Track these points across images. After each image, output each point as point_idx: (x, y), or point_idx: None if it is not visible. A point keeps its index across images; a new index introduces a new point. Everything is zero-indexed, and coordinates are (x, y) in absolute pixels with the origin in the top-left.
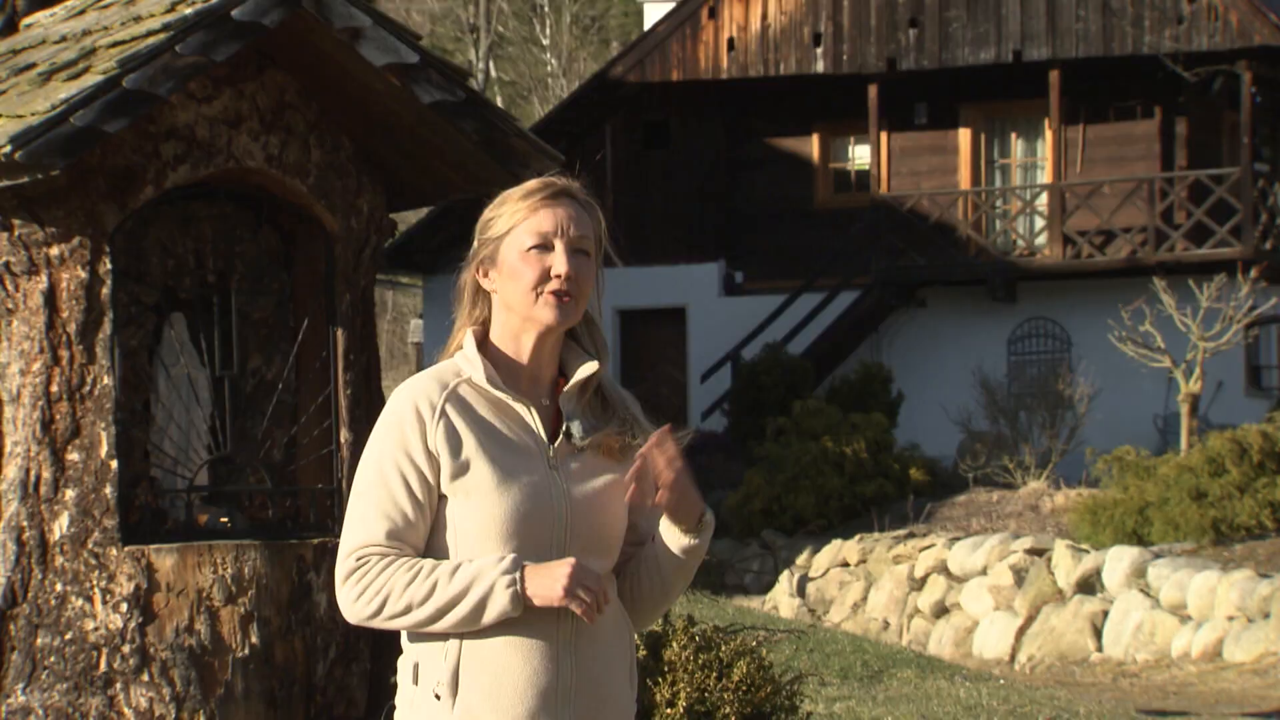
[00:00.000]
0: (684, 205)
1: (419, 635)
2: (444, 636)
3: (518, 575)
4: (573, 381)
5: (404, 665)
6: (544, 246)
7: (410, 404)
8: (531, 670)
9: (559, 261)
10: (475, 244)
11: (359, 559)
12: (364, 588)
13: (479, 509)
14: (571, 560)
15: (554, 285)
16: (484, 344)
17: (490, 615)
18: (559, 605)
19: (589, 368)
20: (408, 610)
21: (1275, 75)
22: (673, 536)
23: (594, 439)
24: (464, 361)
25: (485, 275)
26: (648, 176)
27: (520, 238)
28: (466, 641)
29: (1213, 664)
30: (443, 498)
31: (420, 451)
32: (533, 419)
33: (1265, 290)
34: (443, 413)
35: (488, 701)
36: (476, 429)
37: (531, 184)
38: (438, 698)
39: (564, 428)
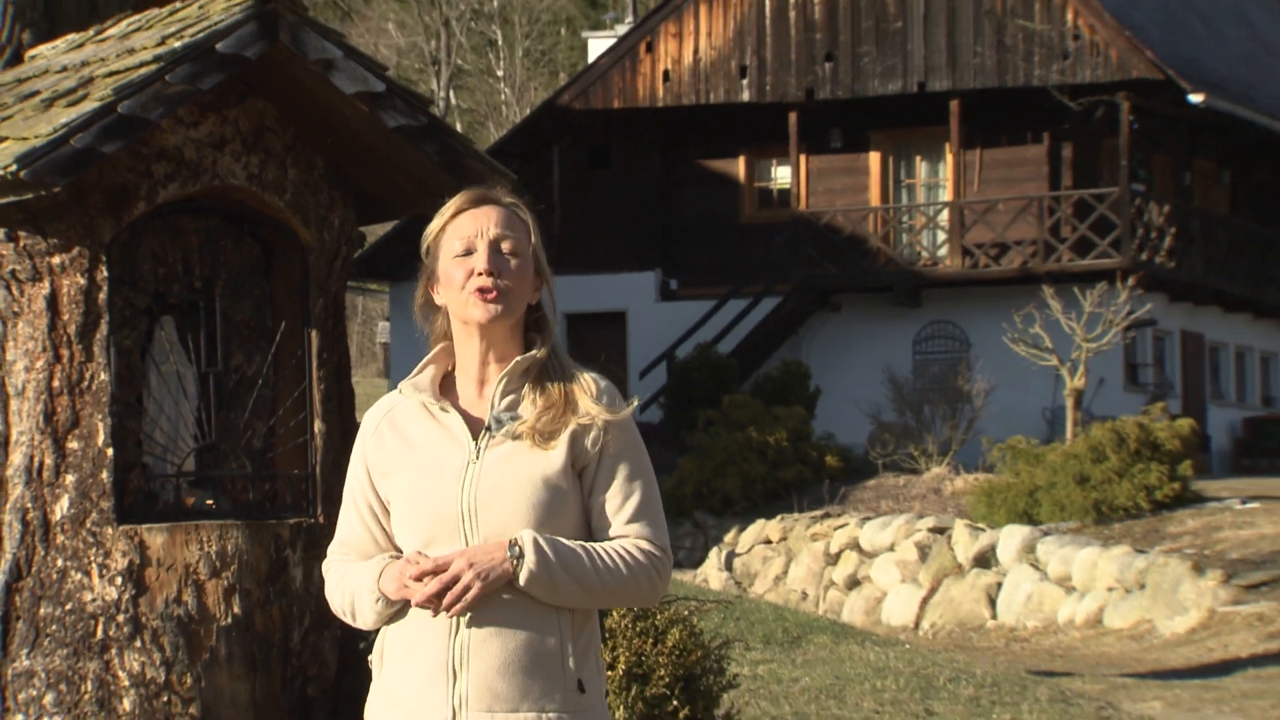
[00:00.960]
0: (624, 220)
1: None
2: (385, 621)
3: (376, 575)
4: (503, 372)
5: None
6: (468, 251)
7: (363, 425)
8: (427, 646)
9: (479, 260)
10: (424, 263)
11: (326, 565)
12: (328, 590)
13: (397, 512)
14: (409, 555)
15: (475, 283)
16: (451, 354)
17: (368, 613)
18: (401, 598)
19: (522, 359)
20: (342, 613)
21: (1150, 105)
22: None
23: (509, 429)
24: (417, 378)
25: (434, 290)
26: (591, 194)
27: (448, 246)
28: (388, 626)
29: (1094, 630)
30: (386, 502)
31: (362, 467)
32: (455, 419)
33: (1141, 297)
34: (377, 430)
35: (397, 674)
36: (401, 441)
37: (456, 197)
38: (372, 668)
39: (488, 422)
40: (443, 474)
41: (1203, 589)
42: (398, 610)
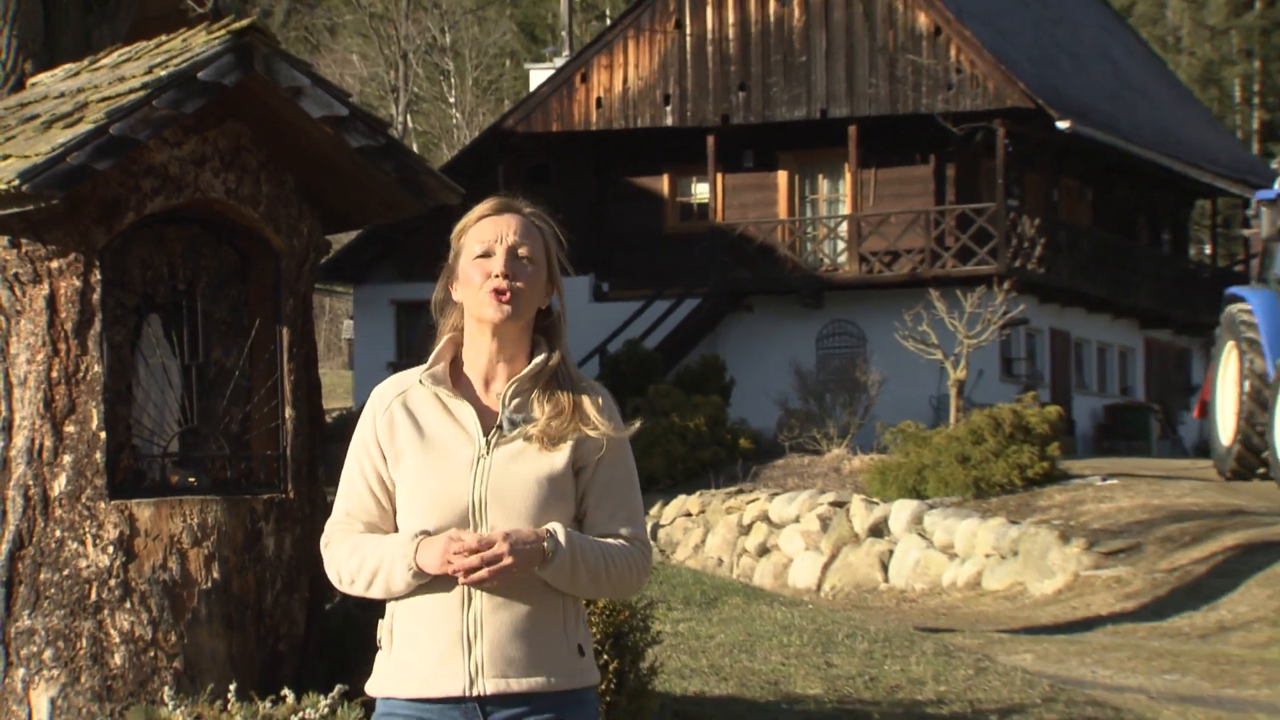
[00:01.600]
0: (564, 229)
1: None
2: (390, 599)
3: (413, 550)
4: (516, 376)
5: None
6: (487, 254)
7: (370, 405)
8: (440, 622)
9: (496, 264)
10: (447, 264)
11: (327, 535)
12: (329, 559)
13: (405, 492)
14: (450, 533)
15: (491, 284)
16: (460, 349)
17: (397, 584)
18: (441, 572)
19: (535, 364)
20: (352, 581)
21: (1023, 131)
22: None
23: (520, 430)
24: (430, 367)
25: (453, 288)
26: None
27: (470, 248)
28: (399, 603)
29: (974, 592)
30: (394, 479)
31: (373, 444)
32: (469, 414)
33: (1015, 299)
34: (389, 411)
35: (411, 648)
36: (413, 425)
37: (482, 204)
38: (380, 648)
39: (497, 420)
40: (455, 465)
41: (1068, 555)
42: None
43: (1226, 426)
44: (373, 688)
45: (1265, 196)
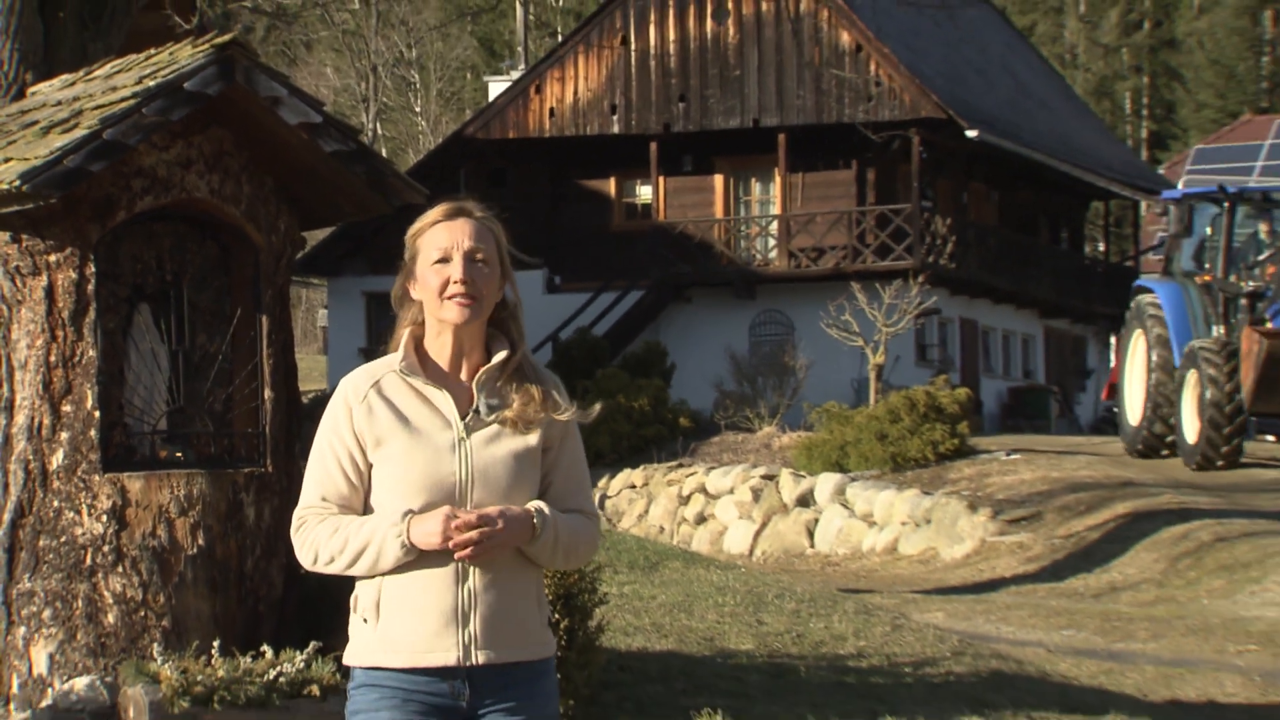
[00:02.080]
0: (517, 228)
1: (367, 576)
2: (374, 575)
3: (404, 527)
4: (485, 368)
5: (351, 599)
6: (444, 260)
7: (344, 394)
8: (434, 597)
9: (455, 270)
10: (405, 261)
11: (300, 518)
12: (302, 541)
13: (391, 474)
14: (444, 510)
15: (452, 290)
16: (421, 341)
17: (387, 560)
18: (440, 547)
19: (499, 355)
20: (332, 560)
21: (936, 139)
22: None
23: (496, 415)
24: (397, 357)
25: (411, 287)
26: (491, 208)
27: (427, 254)
28: (387, 579)
29: (890, 556)
30: (371, 465)
31: (348, 432)
32: (446, 401)
33: (928, 291)
34: (366, 400)
35: (400, 624)
36: (393, 412)
37: (435, 210)
38: (365, 621)
39: (473, 406)
40: (439, 448)
41: (976, 523)
42: (402, 566)
43: (1135, 408)
44: (354, 658)
45: (1172, 196)
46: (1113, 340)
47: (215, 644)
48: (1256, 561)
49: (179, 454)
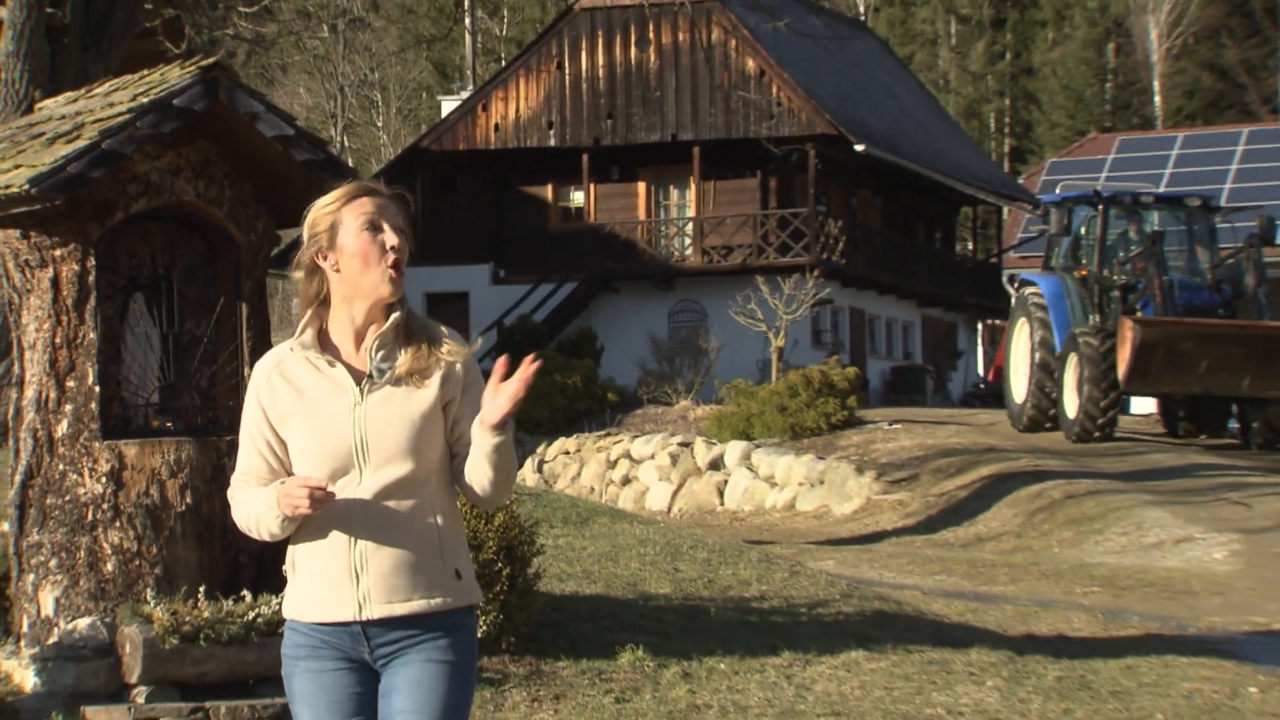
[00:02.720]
0: (467, 228)
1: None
2: (277, 539)
3: (275, 499)
4: (377, 333)
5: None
6: (375, 227)
7: (254, 377)
8: (329, 558)
9: (390, 237)
10: (305, 240)
11: (231, 492)
12: (234, 510)
13: (295, 445)
14: (297, 479)
15: (390, 259)
16: (325, 316)
17: (273, 527)
18: (299, 513)
19: (394, 319)
20: (249, 529)
21: (829, 152)
22: (483, 437)
23: (388, 376)
24: (299, 338)
25: (324, 258)
26: (444, 211)
27: (352, 223)
28: (297, 544)
29: (789, 513)
30: (282, 439)
31: (259, 412)
32: (338, 371)
33: (822, 284)
34: (269, 379)
35: (309, 578)
36: (292, 388)
37: (348, 186)
38: (287, 575)
39: (368, 371)
40: (335, 416)
41: (862, 484)
42: (301, 527)
43: (1020, 388)
44: (285, 608)
45: (1052, 199)
46: (979, 326)
47: (201, 589)
48: (1099, 516)
49: (169, 424)
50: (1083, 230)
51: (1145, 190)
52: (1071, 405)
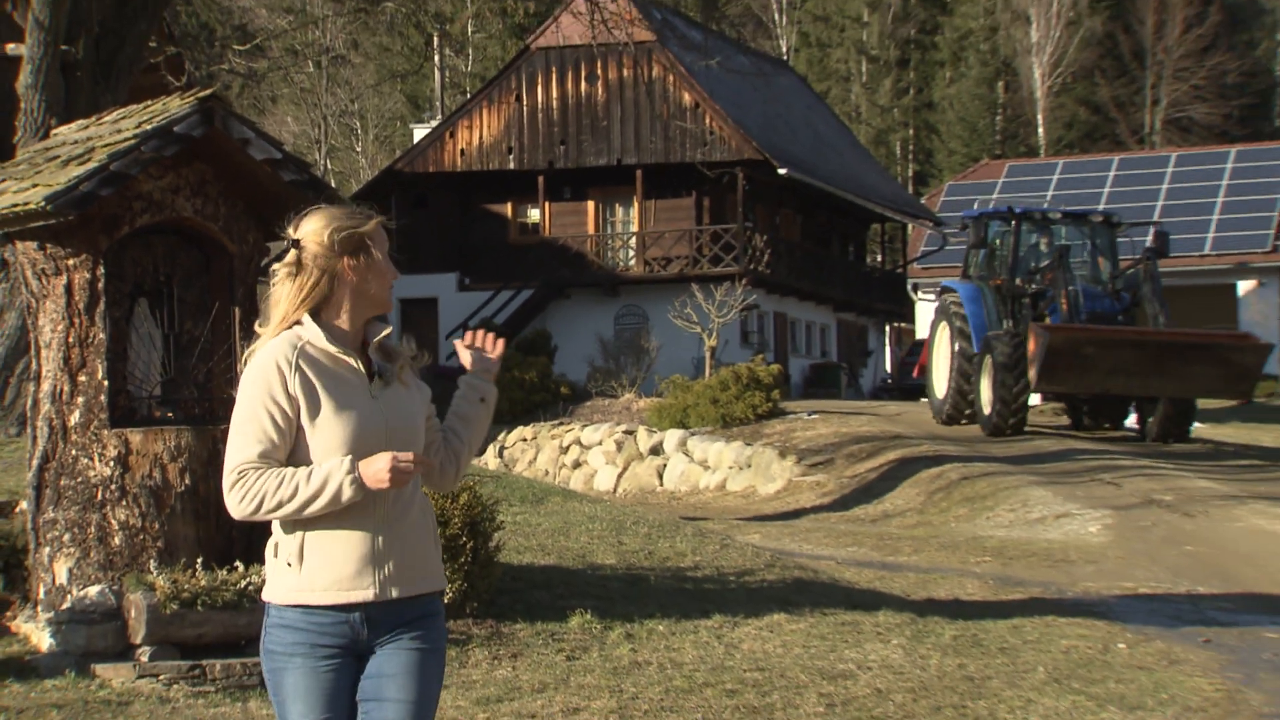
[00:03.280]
0: (436, 241)
1: (280, 524)
2: (294, 524)
3: (356, 471)
4: (379, 340)
5: (268, 546)
6: (387, 255)
7: (273, 362)
8: (354, 540)
9: (393, 269)
10: (340, 242)
11: (239, 473)
12: (243, 493)
13: (328, 431)
14: (388, 454)
15: (391, 279)
16: (316, 318)
17: (344, 500)
18: (388, 485)
19: (386, 329)
20: (279, 506)
21: (756, 175)
22: (476, 388)
23: (390, 376)
24: (304, 331)
25: (350, 271)
26: (415, 226)
27: (381, 244)
28: (308, 531)
29: (721, 493)
30: (301, 427)
31: (282, 395)
32: (359, 366)
33: (749, 291)
34: (298, 367)
35: (323, 566)
36: (322, 377)
37: (372, 217)
38: (289, 565)
39: (376, 370)
40: (361, 405)
41: (784, 467)
42: (322, 517)
43: (941, 385)
44: (276, 597)
45: (971, 214)
46: (887, 328)
47: (199, 561)
48: (991, 494)
49: (170, 414)
50: (997, 243)
51: (1054, 207)
52: (986, 402)
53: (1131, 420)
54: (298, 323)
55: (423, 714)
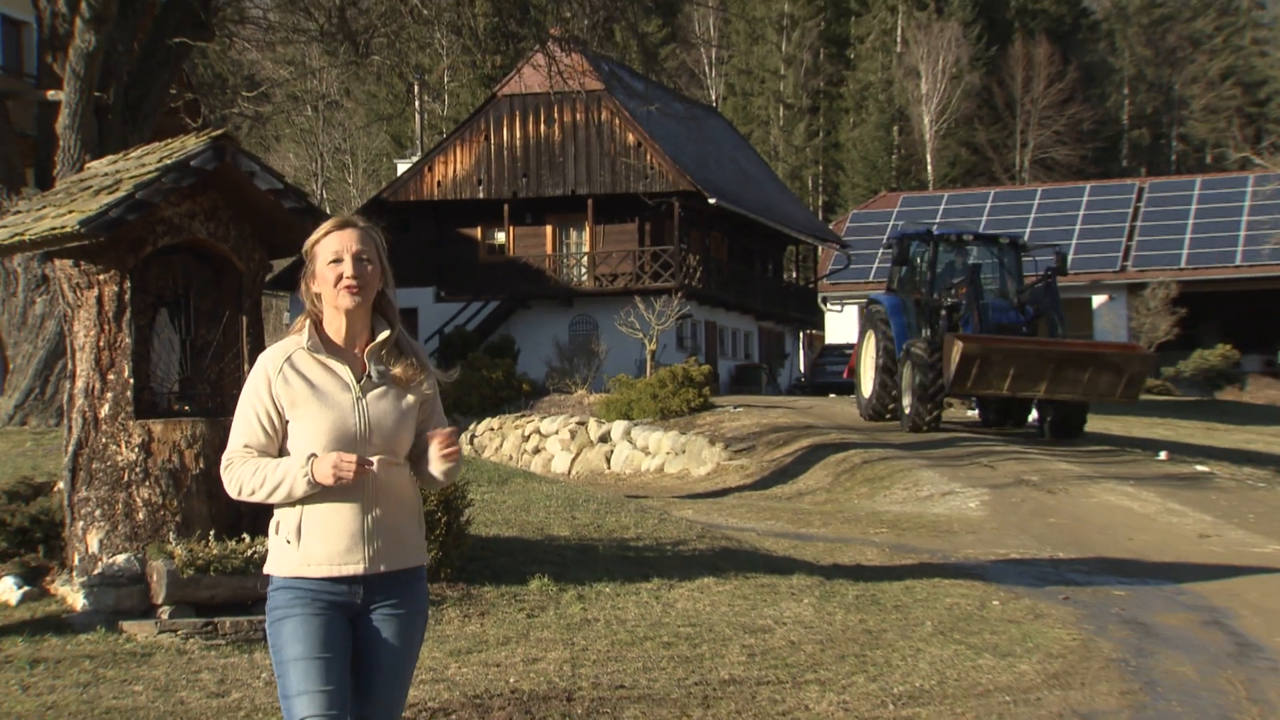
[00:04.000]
0: (416, 260)
1: (281, 504)
2: (294, 503)
3: (309, 468)
4: (373, 344)
5: (271, 523)
6: (338, 260)
7: (263, 366)
8: (345, 520)
9: (346, 268)
10: (305, 256)
11: (228, 460)
12: (230, 477)
13: (304, 430)
14: (334, 454)
15: (344, 284)
16: (319, 325)
17: (298, 492)
18: (332, 483)
19: (384, 334)
20: (253, 492)
21: (690, 204)
22: (439, 472)
23: (385, 378)
24: (301, 339)
25: (311, 283)
26: (398, 247)
27: (323, 255)
28: (306, 508)
29: (660, 475)
30: (287, 422)
31: (267, 396)
32: (344, 370)
33: (684, 302)
34: (281, 371)
35: (318, 543)
36: (303, 380)
37: (328, 222)
38: (288, 543)
39: (366, 372)
40: (342, 406)
41: (714, 452)
42: (313, 497)
43: (867, 385)
44: (277, 569)
45: (895, 235)
46: (800, 335)
47: (211, 533)
48: (888, 476)
49: (186, 407)
50: (918, 261)
51: (968, 230)
52: (907, 403)
53: (1033, 418)
54: (303, 328)
55: (406, 673)
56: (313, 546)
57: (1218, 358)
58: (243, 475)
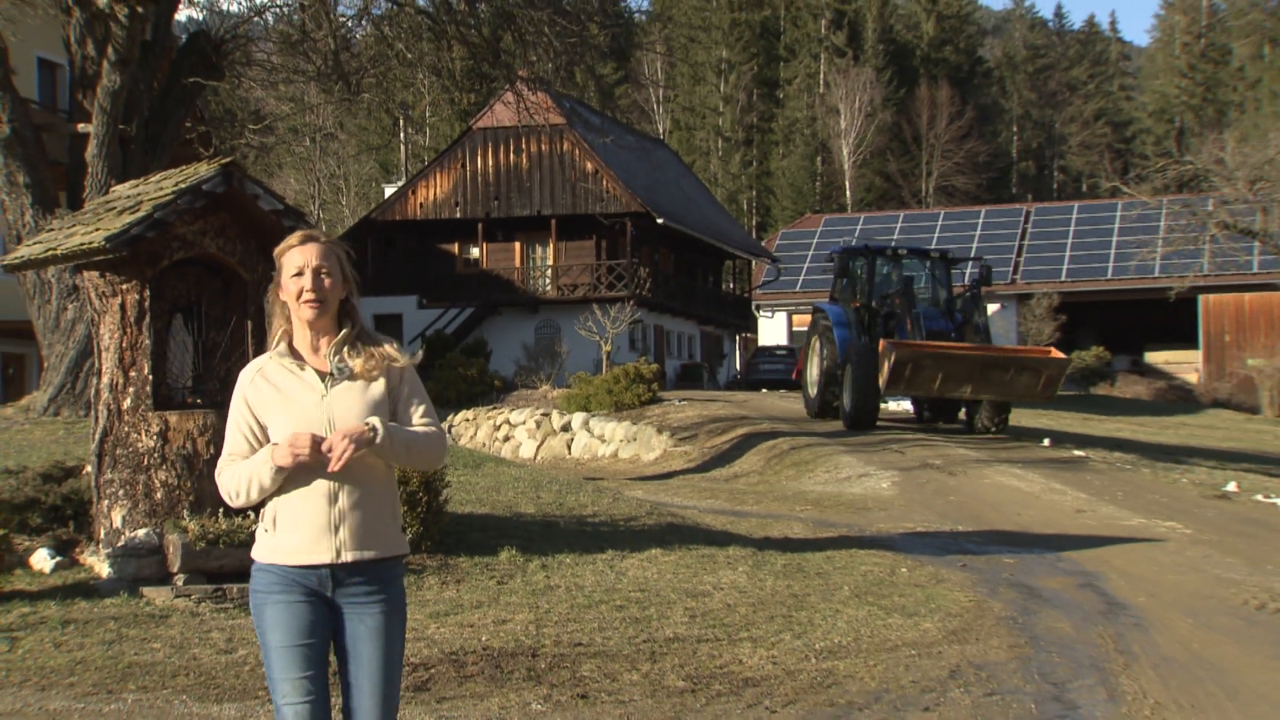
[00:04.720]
0: (401, 272)
1: (263, 498)
2: (271, 496)
3: (270, 454)
4: (331, 342)
5: (261, 512)
6: (299, 274)
7: (241, 380)
8: (313, 509)
9: (306, 281)
10: (274, 275)
11: (219, 470)
12: (223, 486)
13: (276, 429)
14: (290, 435)
15: (305, 296)
16: (290, 336)
17: (266, 479)
18: (290, 463)
19: (343, 334)
20: (239, 493)
21: (641, 223)
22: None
23: (345, 375)
24: (273, 351)
25: (279, 292)
26: (386, 262)
27: (287, 270)
28: (279, 500)
29: (614, 460)
30: (265, 428)
31: (244, 407)
32: (308, 372)
33: (636, 309)
34: (254, 381)
35: (288, 532)
36: (271, 386)
37: (293, 236)
38: (266, 531)
39: (329, 371)
40: (307, 407)
41: (661, 440)
42: (285, 483)
43: (813, 386)
44: (257, 555)
45: (837, 249)
46: (737, 338)
47: (220, 510)
48: (812, 460)
49: (199, 400)
50: (857, 273)
51: (903, 245)
52: (848, 401)
53: (961, 415)
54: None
55: (390, 666)
56: (284, 535)
57: (1092, 358)
58: (228, 480)
